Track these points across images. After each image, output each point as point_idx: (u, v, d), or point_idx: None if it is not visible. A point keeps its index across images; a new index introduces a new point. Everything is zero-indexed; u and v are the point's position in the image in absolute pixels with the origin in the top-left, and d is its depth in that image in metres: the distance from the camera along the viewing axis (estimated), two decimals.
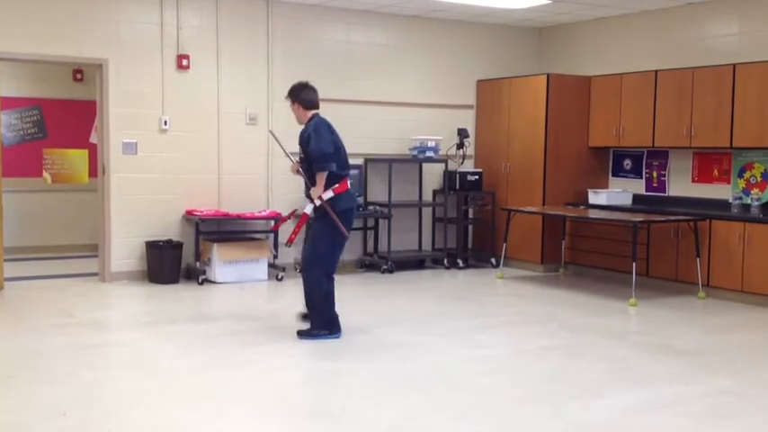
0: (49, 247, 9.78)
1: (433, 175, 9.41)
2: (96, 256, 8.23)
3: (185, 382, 4.67)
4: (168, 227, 8.07)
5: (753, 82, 7.35)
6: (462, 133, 9.23)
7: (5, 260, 7.57)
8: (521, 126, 9.05)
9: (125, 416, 4.09)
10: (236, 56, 8.31)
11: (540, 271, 8.91)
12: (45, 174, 9.94)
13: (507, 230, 8.48)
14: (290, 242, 5.90)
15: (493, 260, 9.18)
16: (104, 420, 4.02)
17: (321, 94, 8.64)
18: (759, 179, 7.66)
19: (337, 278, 8.28)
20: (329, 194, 5.63)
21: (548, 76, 8.81)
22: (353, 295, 7.06)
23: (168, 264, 7.80)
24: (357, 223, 9.05)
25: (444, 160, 9.14)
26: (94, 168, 9.02)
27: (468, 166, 9.46)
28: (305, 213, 5.83)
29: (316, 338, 5.61)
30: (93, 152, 9.18)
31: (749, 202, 7.59)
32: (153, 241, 7.89)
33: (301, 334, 5.66)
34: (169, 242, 7.94)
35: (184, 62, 8.04)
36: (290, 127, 8.59)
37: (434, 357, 5.24)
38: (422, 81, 9.35)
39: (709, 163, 8.11)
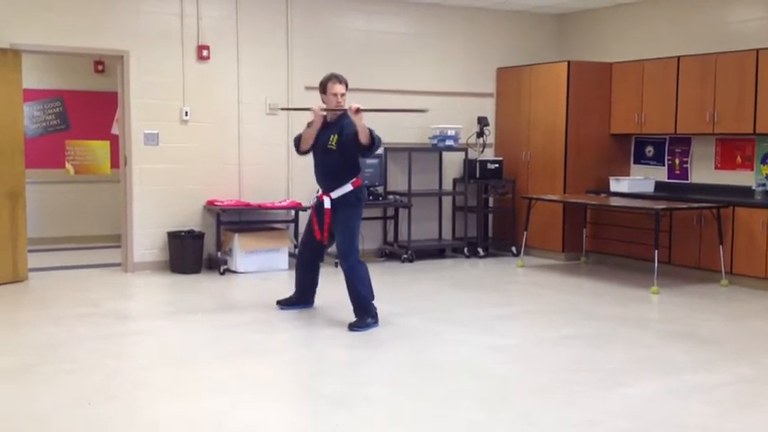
0: (72, 238, 9.88)
1: (453, 164, 9.39)
2: (119, 247, 8.29)
3: (208, 371, 4.70)
4: (190, 217, 8.12)
5: None
6: (482, 122, 9.20)
7: (29, 251, 7.65)
8: (541, 114, 9.00)
9: (149, 405, 4.14)
10: (255, 46, 8.32)
11: (561, 260, 8.88)
12: (68, 165, 10.03)
13: (528, 219, 8.45)
14: (324, 241, 5.91)
15: (513, 249, 9.16)
16: (128, 409, 4.06)
17: None
18: None
19: None
20: (348, 188, 5.82)
21: (568, 63, 8.75)
22: (374, 285, 7.05)
23: (190, 254, 7.85)
24: (377, 212, 9.07)
25: (464, 149, 9.12)
26: (116, 159, 9.10)
27: (489, 154, 9.43)
28: (327, 209, 5.81)
29: (368, 328, 5.61)
30: (115, 143, 9.26)
31: None
32: (175, 231, 7.95)
33: (354, 327, 5.60)
34: (191, 232, 7.99)
35: (204, 53, 8.06)
36: (312, 117, 8.62)
37: (455, 346, 5.24)
38: (441, 69, 9.32)
39: (731, 149, 8.03)
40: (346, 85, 5.83)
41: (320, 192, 5.95)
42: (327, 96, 5.80)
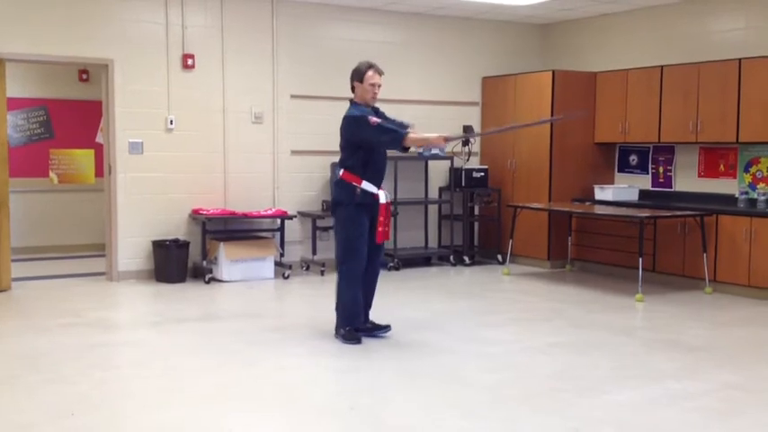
0: (56, 247, 9.82)
1: (438, 173, 9.42)
2: (103, 256, 8.25)
3: (194, 381, 4.68)
4: (175, 226, 8.10)
5: (758, 76, 7.32)
6: (468, 130, 9.23)
7: (13, 260, 7.61)
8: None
9: (133, 415, 4.11)
10: (241, 55, 8.32)
11: (546, 267, 8.91)
12: (51, 174, 9.98)
13: (513, 227, 8.48)
14: (388, 238, 5.52)
15: (499, 257, 9.18)
16: (112, 420, 4.04)
17: (326, 92, 8.77)
18: (765, 173, 7.64)
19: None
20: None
21: (553, 72, 8.80)
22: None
23: (175, 263, 7.83)
24: None
25: (450, 157, 9.13)
26: (101, 168, 9.06)
27: (474, 163, 9.46)
28: (384, 204, 5.40)
29: (340, 339, 5.50)
30: (100, 152, 9.23)
31: (755, 196, 7.57)
32: (160, 240, 7.92)
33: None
34: (176, 241, 7.97)
35: (189, 61, 8.05)
36: (298, 126, 8.64)
37: (441, 354, 5.24)
38: (427, 78, 9.35)
39: (715, 158, 8.10)
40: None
41: (367, 188, 5.34)
42: (363, 86, 5.44)
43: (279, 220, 8.32)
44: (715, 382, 4.69)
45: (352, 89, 5.52)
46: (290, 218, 8.37)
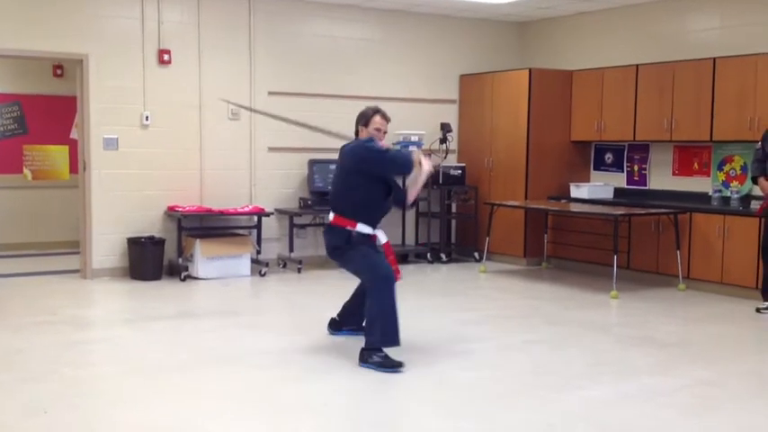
0: (29, 244, 9.71)
1: None
2: (78, 253, 8.18)
3: (169, 378, 4.65)
4: (150, 223, 8.04)
5: (732, 76, 7.40)
6: (445, 128, 9.24)
7: None
8: (503, 120, 9.08)
9: (108, 414, 4.07)
10: (217, 51, 8.27)
11: (522, 265, 8.95)
12: (25, 170, 9.87)
13: (490, 225, 8.51)
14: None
15: (476, 254, 9.21)
16: (86, 418, 4.00)
17: (303, 89, 8.76)
18: (738, 172, 7.73)
19: (321, 274, 8.36)
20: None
21: (530, 70, 8.84)
22: (337, 291, 7.04)
23: (150, 260, 7.77)
24: None
25: (427, 155, 9.13)
26: (75, 164, 8.97)
27: (452, 160, 9.48)
28: (387, 242, 5.15)
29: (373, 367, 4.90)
30: (74, 148, 9.13)
31: (729, 194, 7.66)
32: (135, 237, 7.86)
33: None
34: (151, 238, 7.91)
35: (165, 57, 7.99)
36: (276, 123, 8.59)
37: (417, 352, 5.24)
38: (405, 76, 9.35)
39: (689, 156, 8.18)
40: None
41: (363, 230, 5.05)
42: (368, 130, 5.12)
43: (256, 218, 8.29)
44: (688, 378, 4.74)
45: (356, 133, 5.21)
46: (267, 215, 8.35)
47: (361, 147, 5.05)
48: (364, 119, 5.18)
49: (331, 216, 5.11)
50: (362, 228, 5.03)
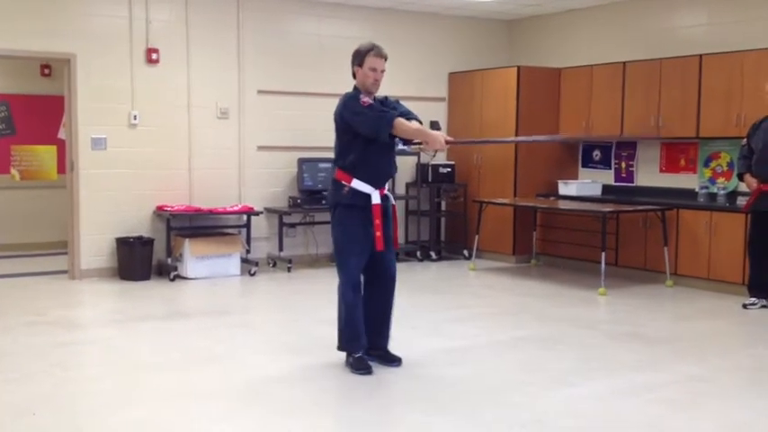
0: (17, 245, 9.66)
1: (405, 168, 9.42)
2: (66, 254, 8.14)
3: (159, 379, 4.65)
4: (139, 223, 8.02)
5: (719, 72, 7.44)
6: (434, 126, 9.22)
7: None
8: (492, 118, 9.10)
9: (96, 415, 4.06)
10: (206, 49, 8.26)
11: (511, 262, 8.98)
12: (13, 171, 9.82)
13: (479, 222, 8.53)
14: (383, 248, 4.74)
15: (465, 252, 9.23)
16: (75, 419, 3.99)
17: (292, 88, 8.75)
18: (725, 168, 7.77)
19: (311, 273, 8.36)
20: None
21: (518, 68, 8.86)
22: (327, 289, 7.05)
23: (139, 260, 7.75)
24: (329, 217, 9.04)
25: (416, 153, 9.15)
26: (63, 164, 8.92)
27: (441, 158, 9.49)
28: (377, 205, 4.72)
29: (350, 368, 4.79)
30: (62, 148, 9.09)
31: (715, 191, 7.70)
32: (123, 237, 7.84)
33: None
34: (140, 238, 7.89)
35: (154, 56, 7.97)
36: (264, 122, 8.61)
37: (407, 349, 5.25)
38: (394, 74, 9.23)
39: (676, 153, 8.22)
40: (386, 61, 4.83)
41: (358, 188, 4.68)
42: (363, 70, 4.78)
43: (245, 217, 8.28)
44: (676, 374, 4.77)
45: (353, 74, 4.87)
46: (257, 214, 8.34)
47: (343, 101, 4.74)
48: (359, 58, 4.81)
49: (335, 170, 4.79)
50: (359, 185, 4.66)
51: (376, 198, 4.69)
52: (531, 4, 8.94)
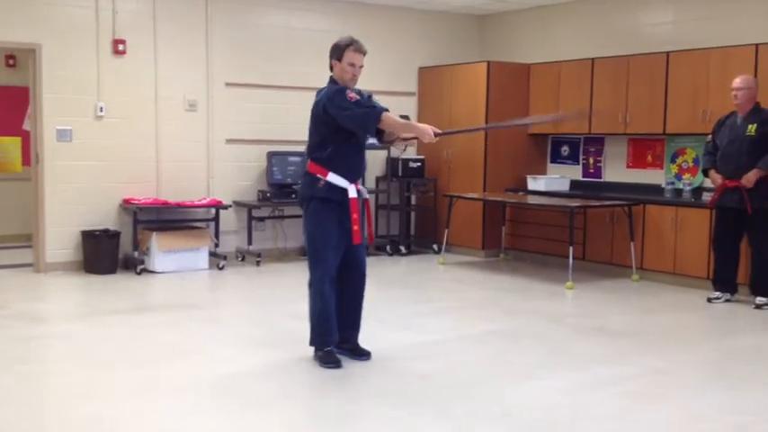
0: None
1: (375, 162, 9.41)
2: (30, 247, 8.03)
3: (125, 373, 4.60)
4: (105, 216, 7.92)
5: (685, 69, 7.53)
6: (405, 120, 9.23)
7: None
8: (462, 113, 9.12)
9: (59, 410, 4.02)
10: (173, 41, 8.17)
11: (481, 256, 9.02)
12: None
13: (449, 217, 8.56)
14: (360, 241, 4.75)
15: (435, 246, 9.26)
16: (38, 414, 3.94)
17: (261, 81, 8.70)
18: (691, 164, 7.88)
19: (280, 267, 8.33)
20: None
21: (488, 63, 8.90)
22: (296, 283, 7.03)
23: (105, 254, 7.66)
24: (299, 210, 9.01)
25: (387, 147, 9.15)
26: (28, 156, 8.78)
27: (411, 153, 9.50)
28: (354, 199, 4.70)
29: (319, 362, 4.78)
30: (27, 140, 8.95)
31: (681, 186, 7.80)
32: (89, 231, 7.74)
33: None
34: (106, 231, 7.80)
35: (120, 47, 7.87)
36: (233, 114, 8.54)
37: (377, 343, 5.25)
38: (364, 68, 9.29)
39: (643, 149, 8.31)
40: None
41: (334, 181, 4.65)
42: (341, 64, 4.69)
43: (213, 210, 8.22)
44: (641, 367, 4.83)
45: (331, 68, 4.77)
46: (225, 207, 8.28)
47: (327, 95, 4.63)
48: (338, 52, 4.71)
49: (308, 162, 4.76)
50: (335, 179, 4.63)
51: (353, 192, 4.67)
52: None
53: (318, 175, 4.67)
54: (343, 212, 4.67)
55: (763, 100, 6.54)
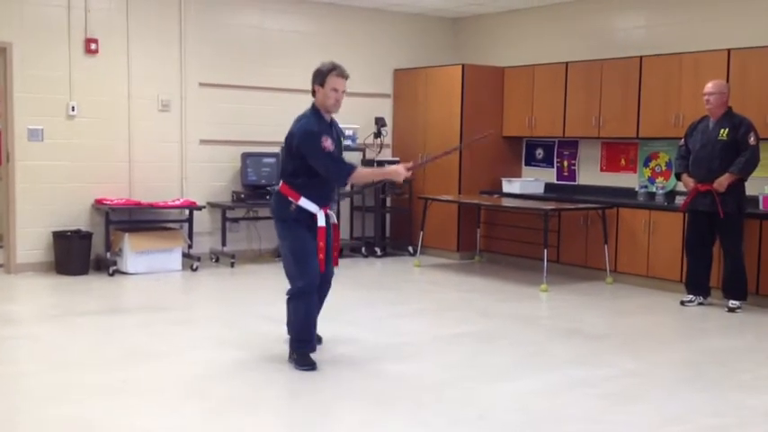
0: None
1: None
2: (1, 247, 7.91)
3: (96, 375, 4.54)
4: (77, 216, 7.82)
5: (658, 74, 7.60)
6: (380, 122, 9.25)
7: None
8: (437, 115, 9.14)
9: (29, 411, 3.95)
10: (147, 40, 8.10)
11: (456, 259, 9.03)
12: None
13: (424, 219, 8.56)
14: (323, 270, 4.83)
15: (410, 248, 9.26)
16: (9, 416, 3.87)
17: (235, 81, 8.66)
18: (664, 168, 7.95)
19: (254, 268, 8.28)
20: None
21: (463, 66, 8.92)
22: (270, 286, 6.99)
23: (77, 254, 7.56)
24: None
25: (362, 149, 9.15)
26: None
27: (386, 154, 9.50)
28: (323, 227, 4.78)
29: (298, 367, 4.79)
30: None
31: (654, 190, 7.87)
32: (61, 231, 7.64)
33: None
34: (78, 232, 7.70)
35: (93, 46, 7.78)
36: (207, 115, 8.48)
37: (351, 345, 5.25)
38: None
39: (616, 153, 8.37)
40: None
41: (305, 206, 4.72)
42: (324, 90, 4.69)
43: (187, 211, 8.15)
44: (615, 369, 4.86)
45: (313, 93, 4.76)
46: (199, 208, 8.21)
47: (300, 134, 4.65)
48: (320, 77, 4.72)
49: (280, 183, 4.82)
50: (306, 203, 4.70)
51: (321, 220, 4.75)
52: (475, 3, 9.00)
53: (290, 198, 4.72)
54: (314, 231, 4.76)
55: (734, 105, 6.61)
